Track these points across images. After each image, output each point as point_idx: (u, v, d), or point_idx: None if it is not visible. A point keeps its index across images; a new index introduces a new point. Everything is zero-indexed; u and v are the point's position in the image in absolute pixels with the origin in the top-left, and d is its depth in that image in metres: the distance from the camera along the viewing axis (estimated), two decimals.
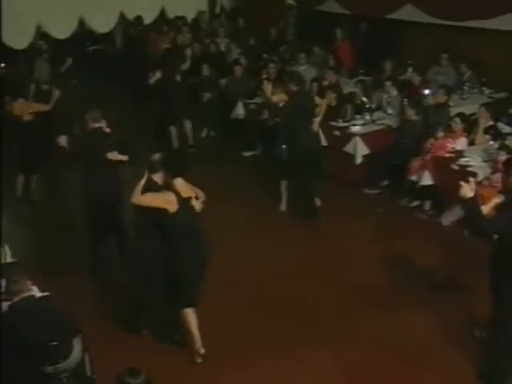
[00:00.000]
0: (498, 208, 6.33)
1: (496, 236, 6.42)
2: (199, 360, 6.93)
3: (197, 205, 6.71)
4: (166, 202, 6.53)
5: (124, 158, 8.47)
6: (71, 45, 15.40)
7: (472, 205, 6.06)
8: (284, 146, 10.08)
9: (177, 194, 6.55)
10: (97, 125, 8.49)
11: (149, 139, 12.81)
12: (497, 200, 6.51)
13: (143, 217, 6.91)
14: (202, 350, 6.95)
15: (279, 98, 10.29)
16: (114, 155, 8.40)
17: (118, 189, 8.53)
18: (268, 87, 10.71)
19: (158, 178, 6.93)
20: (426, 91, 11.67)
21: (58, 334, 5.94)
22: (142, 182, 6.83)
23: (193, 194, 6.69)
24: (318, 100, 10.61)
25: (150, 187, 6.81)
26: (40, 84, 11.22)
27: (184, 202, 6.56)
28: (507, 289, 6.25)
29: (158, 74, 12.53)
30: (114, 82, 16.68)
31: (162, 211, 6.51)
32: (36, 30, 14.83)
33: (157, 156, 6.94)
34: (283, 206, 10.51)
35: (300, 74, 11.52)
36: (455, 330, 7.27)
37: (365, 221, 10.33)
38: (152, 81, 12.53)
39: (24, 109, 10.76)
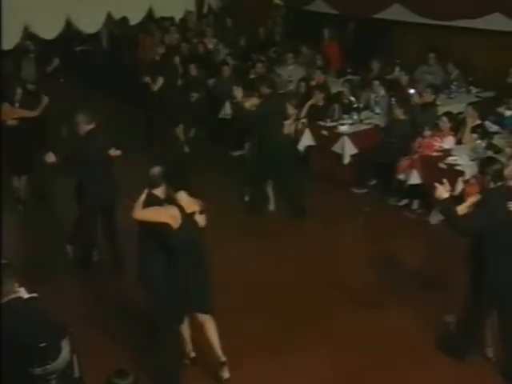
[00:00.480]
0: (474, 207, 6.43)
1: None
2: (187, 362, 6.96)
3: (200, 220, 6.47)
4: (170, 216, 6.27)
5: (119, 152, 8.67)
6: (58, 45, 15.32)
7: (447, 205, 6.29)
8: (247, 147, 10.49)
9: (180, 208, 6.33)
10: (90, 126, 8.55)
11: (141, 141, 12.90)
12: (473, 199, 6.61)
13: (144, 232, 6.60)
14: (193, 354, 6.97)
15: (251, 103, 10.35)
16: (114, 152, 8.59)
17: (115, 188, 8.73)
18: (239, 92, 10.65)
19: (159, 192, 6.66)
20: (412, 90, 11.71)
21: (47, 336, 5.91)
22: (143, 196, 6.54)
23: (196, 209, 6.45)
24: (290, 109, 10.81)
25: (152, 202, 6.52)
26: (26, 85, 11.11)
27: (188, 217, 6.33)
28: (479, 286, 6.44)
29: (161, 80, 12.50)
30: (100, 82, 16.66)
31: (164, 226, 6.27)
32: (23, 30, 14.76)
33: (157, 170, 6.65)
34: (271, 206, 10.52)
35: (272, 77, 12.12)
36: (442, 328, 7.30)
37: (353, 220, 10.35)
38: (156, 87, 12.50)
39: (8, 114, 10.39)
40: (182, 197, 6.43)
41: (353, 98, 11.90)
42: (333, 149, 11.09)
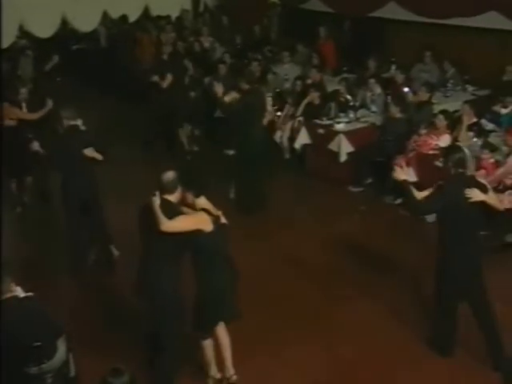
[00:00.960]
0: (434, 191, 6.69)
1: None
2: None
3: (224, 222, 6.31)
4: (201, 222, 6.07)
5: (99, 156, 8.53)
6: (54, 44, 15.29)
7: (406, 187, 6.64)
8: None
9: (208, 212, 6.14)
10: (71, 123, 8.53)
11: (139, 140, 12.90)
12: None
13: (165, 243, 6.16)
14: (219, 375, 6.71)
15: (231, 97, 10.49)
16: (89, 151, 8.45)
17: (94, 187, 8.63)
18: (219, 87, 10.63)
19: (173, 198, 6.26)
20: (406, 89, 11.70)
21: (42, 335, 5.90)
22: (157, 205, 6.07)
23: (219, 212, 6.27)
24: (268, 106, 11.13)
25: (169, 209, 6.09)
26: (25, 84, 10.98)
27: (216, 221, 6.16)
28: (443, 266, 6.69)
29: (170, 78, 12.47)
30: (97, 81, 16.64)
31: (195, 233, 6.03)
32: (18, 28, 14.72)
33: (171, 174, 6.24)
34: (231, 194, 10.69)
35: (252, 72, 12.39)
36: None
37: (349, 218, 10.32)
38: (165, 85, 12.47)
39: (6, 114, 10.13)
40: (203, 201, 6.22)
41: (349, 97, 11.90)
42: (329, 147, 11.08)
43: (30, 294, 6.33)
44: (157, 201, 6.07)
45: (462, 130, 10.25)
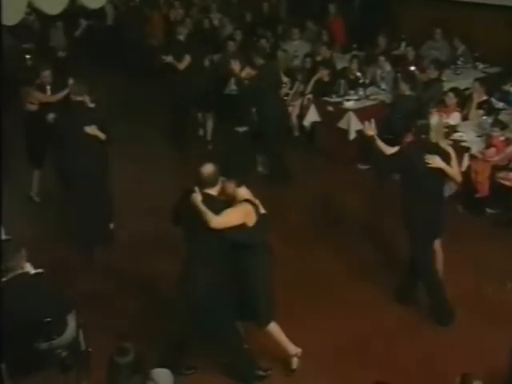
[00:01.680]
0: (399, 151, 7.23)
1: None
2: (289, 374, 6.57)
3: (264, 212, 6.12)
4: (247, 214, 5.87)
5: (101, 135, 8.44)
6: (63, 20, 15.24)
7: (373, 143, 7.22)
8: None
9: (251, 203, 5.94)
10: (79, 98, 8.47)
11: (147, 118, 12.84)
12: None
13: (213, 239, 5.86)
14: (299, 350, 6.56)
15: (247, 73, 10.55)
16: (92, 129, 8.36)
17: (99, 165, 8.53)
18: (236, 63, 10.70)
19: (214, 191, 5.94)
20: (412, 68, 11.60)
21: (52, 311, 5.93)
22: (199, 200, 5.76)
23: (258, 201, 6.09)
24: (284, 78, 11.01)
25: (213, 204, 5.79)
26: (57, 53, 10.60)
27: (257, 211, 5.99)
28: (411, 223, 7.07)
29: (188, 59, 11.86)
30: (106, 58, 16.60)
31: (240, 227, 5.83)
32: (27, 5, 14.65)
33: (211, 168, 5.88)
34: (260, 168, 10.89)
35: (264, 47, 12.43)
36: None
37: (358, 196, 10.29)
38: (182, 66, 11.83)
39: (28, 98, 9.76)
40: (244, 191, 6.02)
41: (358, 74, 11.81)
42: (338, 125, 11.02)
43: (40, 270, 6.37)
44: (198, 197, 5.76)
45: (472, 108, 10.19)
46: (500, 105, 10.47)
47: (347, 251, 8.57)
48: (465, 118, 10.17)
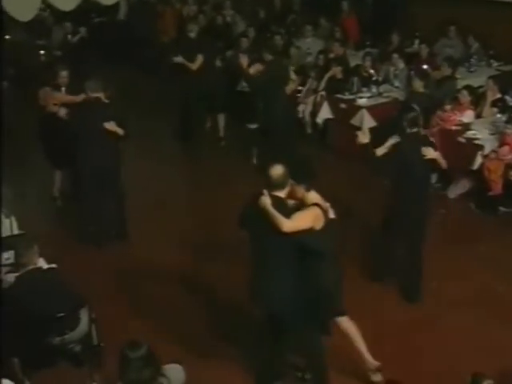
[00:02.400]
0: (392, 148, 7.36)
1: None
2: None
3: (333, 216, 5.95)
4: (316, 218, 5.67)
5: (120, 130, 8.48)
6: (77, 17, 15.27)
7: (370, 150, 7.22)
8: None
9: (319, 207, 5.75)
10: (94, 95, 8.51)
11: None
12: (392, 141, 7.49)
13: (283, 244, 5.66)
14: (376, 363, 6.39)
15: (256, 69, 10.62)
16: (110, 125, 8.41)
17: (114, 161, 8.57)
18: (244, 58, 10.81)
19: (283, 194, 5.75)
20: (425, 66, 11.56)
21: (65, 306, 5.96)
22: (268, 203, 5.58)
23: (327, 205, 5.92)
24: (292, 74, 11.04)
25: (282, 208, 5.63)
26: (53, 52, 10.61)
27: (326, 215, 5.81)
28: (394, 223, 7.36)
29: (201, 58, 11.87)
30: (119, 54, 16.64)
31: (307, 231, 5.62)
32: (41, 1, 14.71)
33: (280, 169, 5.68)
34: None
35: (275, 43, 12.59)
36: None
37: (370, 194, 10.27)
38: (195, 66, 11.82)
39: (49, 99, 9.57)
40: (314, 195, 5.83)
41: (372, 71, 11.80)
42: (351, 122, 11.01)
43: (53, 265, 6.41)
44: (267, 200, 5.59)
45: (485, 106, 10.15)
46: None
47: (356, 250, 8.53)
48: (478, 116, 10.13)
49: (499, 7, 12.46)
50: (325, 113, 11.53)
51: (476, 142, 9.38)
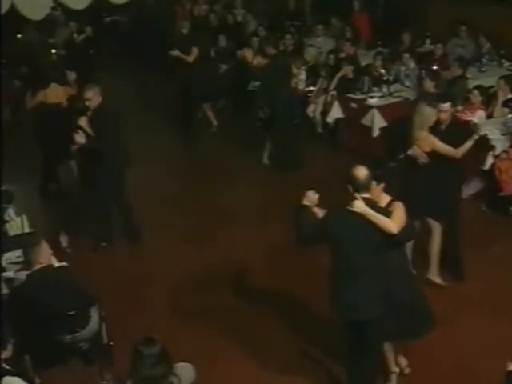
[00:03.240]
0: None
1: None
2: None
3: None
4: (403, 218, 5.56)
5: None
6: (88, 15, 15.31)
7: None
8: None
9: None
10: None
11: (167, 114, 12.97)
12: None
13: (381, 246, 5.51)
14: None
15: (259, 62, 11.20)
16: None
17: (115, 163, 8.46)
18: (249, 53, 11.40)
19: (369, 195, 5.56)
20: (435, 67, 11.51)
21: (76, 304, 5.97)
22: (366, 207, 5.39)
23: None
24: (294, 69, 11.21)
25: (376, 210, 5.46)
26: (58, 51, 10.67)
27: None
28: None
29: (195, 51, 12.28)
30: (131, 53, 16.69)
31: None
32: (53, 0, 14.75)
33: (365, 170, 5.54)
34: (265, 159, 11.19)
35: (278, 39, 12.85)
36: None
37: None
38: (191, 59, 12.24)
39: (60, 94, 9.71)
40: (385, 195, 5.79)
41: (383, 71, 11.76)
42: (362, 122, 10.99)
43: (63, 263, 6.43)
44: (362, 204, 5.40)
45: (496, 106, 10.10)
46: None
47: None
48: (489, 116, 10.08)
49: (510, 6, 12.40)
50: (335, 112, 11.51)
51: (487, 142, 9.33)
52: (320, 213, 5.64)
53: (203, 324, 7.11)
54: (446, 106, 7.37)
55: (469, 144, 7.23)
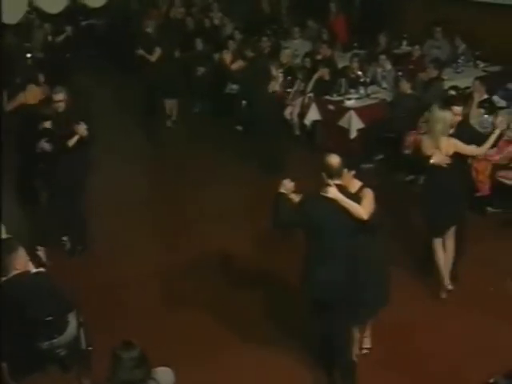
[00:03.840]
0: None
1: None
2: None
3: None
4: (372, 204, 5.87)
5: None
6: (64, 19, 15.25)
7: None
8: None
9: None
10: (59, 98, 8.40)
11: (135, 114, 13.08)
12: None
13: (351, 232, 5.80)
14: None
15: (238, 65, 11.30)
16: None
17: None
18: (227, 55, 11.50)
19: (341, 181, 5.80)
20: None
21: (53, 310, 5.93)
22: (339, 194, 5.66)
23: None
24: (273, 71, 11.05)
25: (348, 196, 5.72)
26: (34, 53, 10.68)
27: None
28: None
29: (159, 50, 12.44)
30: (106, 56, 16.63)
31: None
32: (28, 4, 14.67)
33: (337, 158, 5.78)
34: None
35: (257, 42, 12.90)
36: None
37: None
38: (154, 58, 12.43)
39: (39, 95, 9.68)
40: (356, 179, 6.07)
41: (359, 73, 11.80)
42: (339, 123, 11.02)
43: (41, 269, 6.37)
44: (335, 190, 5.66)
45: (472, 107, 10.16)
46: (502, 103, 10.45)
47: None
48: (465, 117, 10.11)
49: (486, 8, 12.50)
50: (313, 114, 11.55)
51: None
52: (296, 198, 5.84)
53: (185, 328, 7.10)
54: (460, 108, 7.51)
55: (492, 139, 7.32)
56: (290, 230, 6.20)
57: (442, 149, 7.07)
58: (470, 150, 7.26)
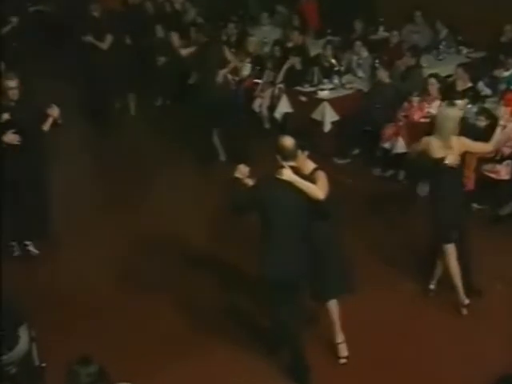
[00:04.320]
0: None
1: None
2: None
3: None
4: (326, 185, 6.18)
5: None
6: (9, 4, 15.10)
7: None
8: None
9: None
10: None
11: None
12: None
13: (304, 213, 6.10)
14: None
15: (188, 51, 11.68)
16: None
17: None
18: (175, 38, 11.91)
19: (295, 163, 6.12)
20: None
21: (2, 324, 5.87)
22: (293, 175, 5.97)
23: None
24: (228, 55, 11.26)
25: (303, 177, 6.03)
26: None
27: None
28: None
29: (110, 37, 12.42)
30: (58, 44, 16.49)
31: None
32: None
33: (290, 140, 6.08)
34: (222, 156, 11.30)
35: (209, 26, 12.68)
36: None
37: (335, 192, 10.29)
38: (105, 46, 12.43)
39: None
40: (310, 161, 6.41)
41: (333, 61, 11.83)
42: (312, 116, 11.06)
43: None
44: (289, 172, 5.98)
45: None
46: (487, 91, 10.53)
47: None
48: None
49: None
50: (283, 107, 11.59)
51: None
52: (251, 183, 6.20)
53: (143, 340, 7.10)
54: (463, 102, 7.58)
55: (498, 133, 7.38)
56: (245, 213, 6.44)
57: (454, 148, 7.10)
58: (479, 147, 7.38)
